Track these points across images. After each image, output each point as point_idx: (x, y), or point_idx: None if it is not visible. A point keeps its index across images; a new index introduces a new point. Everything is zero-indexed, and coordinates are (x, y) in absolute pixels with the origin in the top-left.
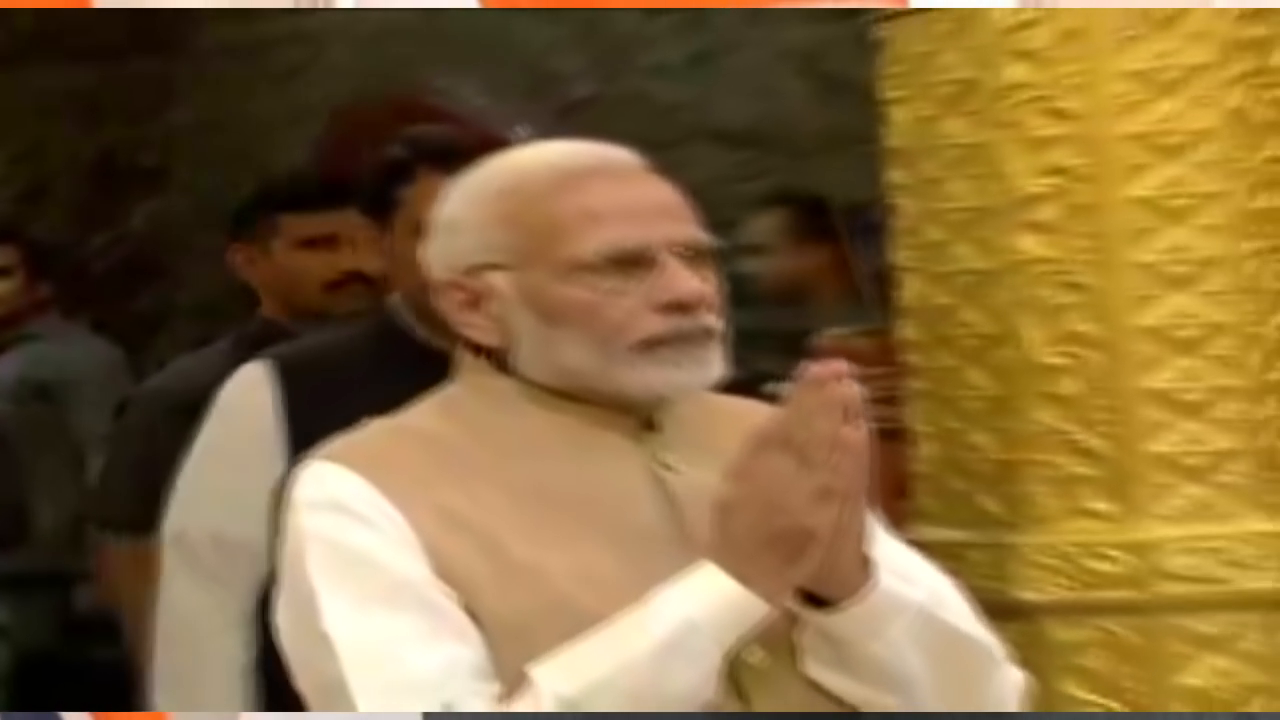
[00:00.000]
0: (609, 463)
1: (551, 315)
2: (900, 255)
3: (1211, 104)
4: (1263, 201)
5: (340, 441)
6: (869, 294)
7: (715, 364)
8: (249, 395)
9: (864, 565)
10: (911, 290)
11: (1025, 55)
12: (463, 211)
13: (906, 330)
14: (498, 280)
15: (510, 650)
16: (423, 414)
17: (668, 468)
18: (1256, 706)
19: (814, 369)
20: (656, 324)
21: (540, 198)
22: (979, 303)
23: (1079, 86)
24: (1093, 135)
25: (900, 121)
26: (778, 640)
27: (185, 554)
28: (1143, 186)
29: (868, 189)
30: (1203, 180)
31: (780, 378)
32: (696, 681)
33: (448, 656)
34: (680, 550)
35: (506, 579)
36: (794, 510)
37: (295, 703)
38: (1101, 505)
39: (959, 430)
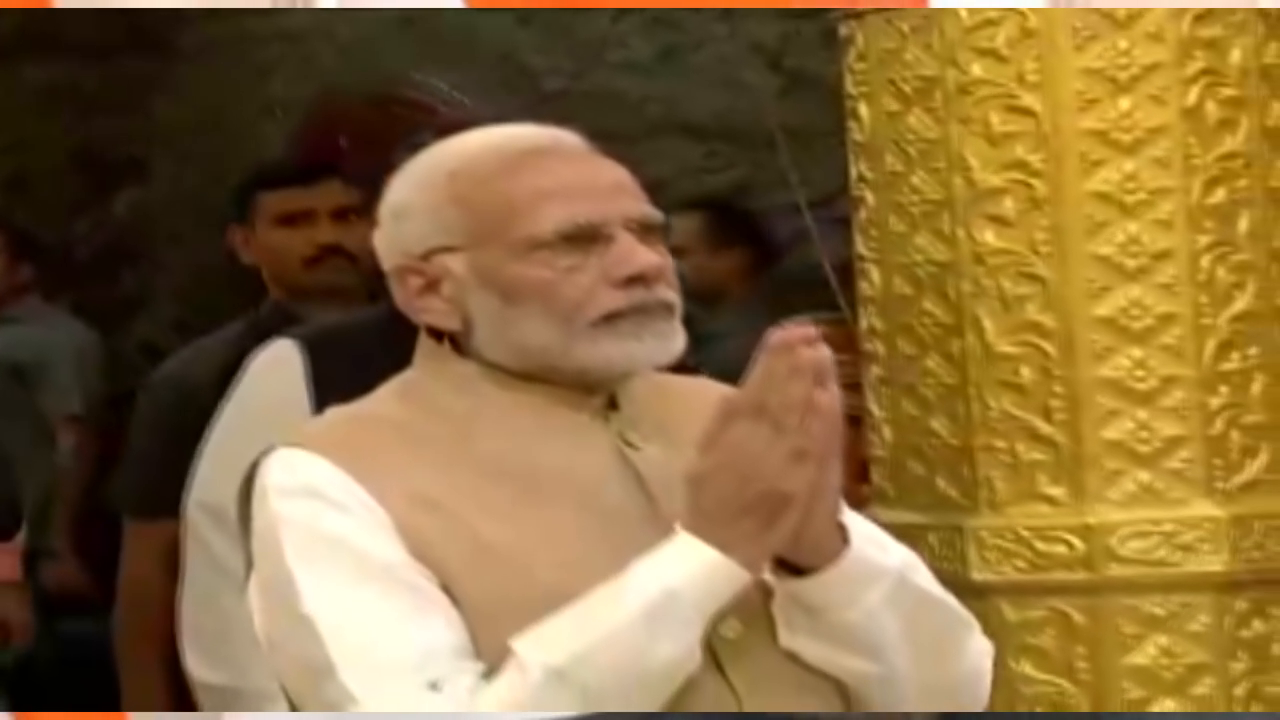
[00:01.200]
0: (574, 442)
1: (509, 294)
2: (863, 246)
3: (1167, 102)
4: (1216, 197)
5: (304, 428)
6: (833, 283)
7: (675, 337)
8: (280, 369)
9: (839, 531)
10: (874, 280)
11: (987, 53)
12: (413, 196)
13: (868, 319)
14: (453, 263)
15: (487, 630)
16: (384, 400)
17: (632, 445)
18: (1203, 687)
19: (782, 333)
20: (615, 298)
21: (492, 178)
22: (939, 293)
23: (1039, 84)
24: (1052, 131)
25: (865, 116)
26: (753, 613)
27: (217, 522)
28: (1099, 181)
29: (833, 182)
30: (1158, 176)
31: (692, 373)
32: (680, 651)
33: (432, 635)
34: (650, 526)
35: (480, 559)
36: (769, 475)
37: None
38: (1055, 490)
39: (918, 416)
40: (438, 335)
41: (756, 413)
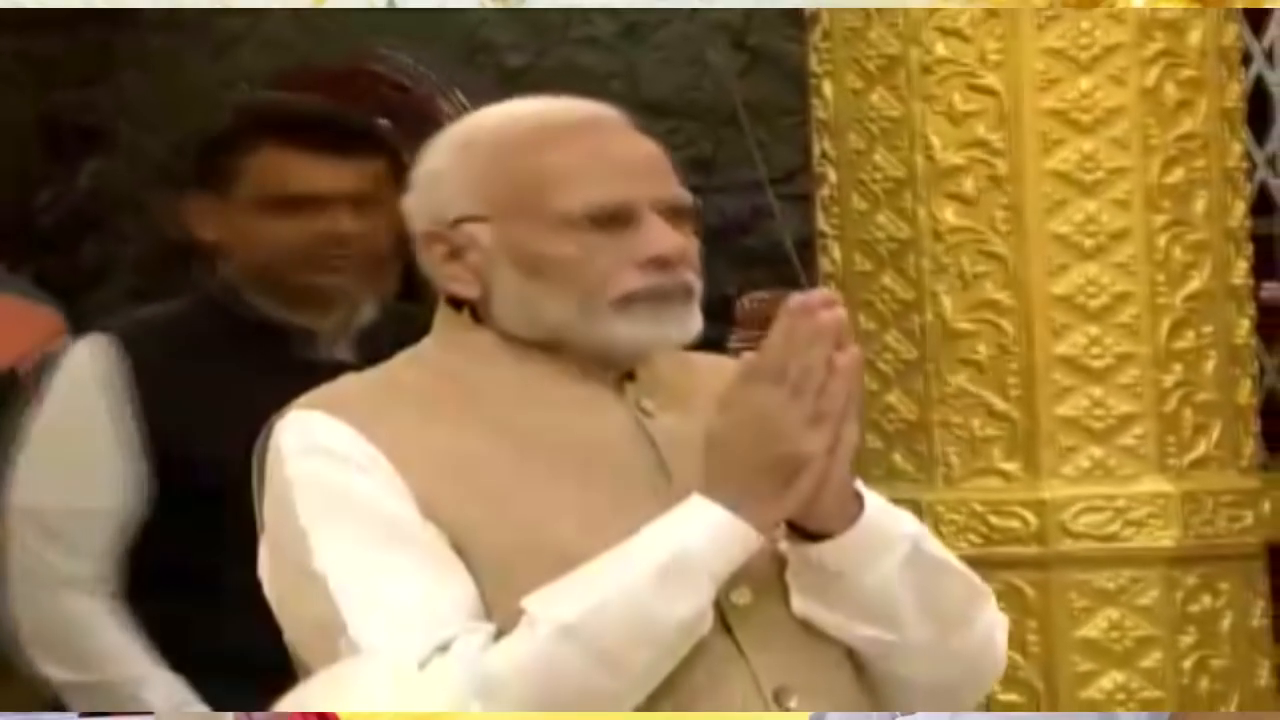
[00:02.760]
0: (590, 408)
1: (533, 269)
2: (825, 223)
3: (1126, 82)
4: (1173, 177)
5: (319, 391)
6: (795, 259)
7: (692, 320)
8: (94, 365)
9: (854, 496)
10: (835, 257)
11: (949, 32)
12: (446, 163)
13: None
14: (479, 232)
15: (497, 590)
16: (397, 367)
17: (648, 414)
18: (1151, 660)
19: (801, 297)
20: (637, 280)
21: (525, 151)
22: (899, 270)
23: (1000, 63)
24: (1012, 110)
25: (829, 94)
26: (765, 581)
27: (37, 524)
28: (1059, 160)
29: (794, 159)
30: (1116, 155)
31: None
32: (692, 612)
33: (443, 593)
34: (663, 494)
35: (491, 521)
36: (787, 436)
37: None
38: (1010, 465)
39: (876, 391)
40: (457, 305)
41: (776, 375)
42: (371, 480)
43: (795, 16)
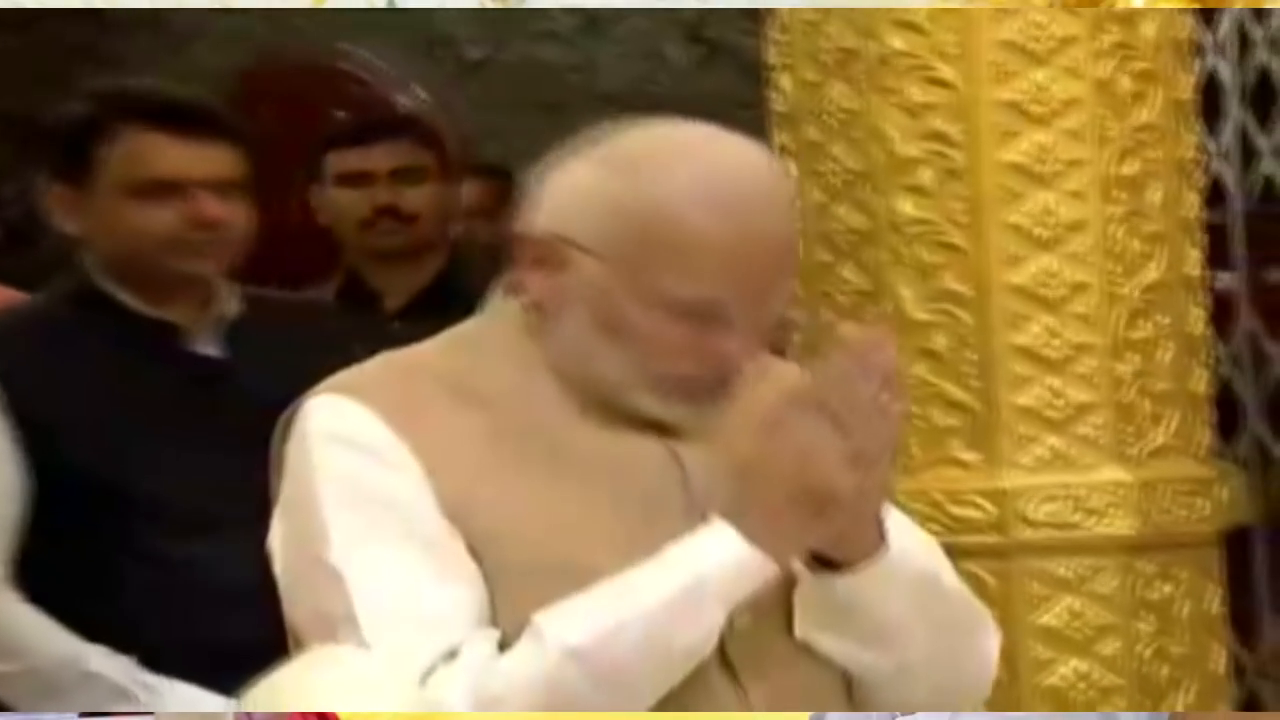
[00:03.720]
0: (619, 427)
1: (607, 325)
2: None
3: (1081, 74)
4: (1127, 169)
5: (354, 374)
6: None
7: (728, 401)
8: None
9: (878, 529)
10: None
11: (906, 25)
12: (588, 179)
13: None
14: (581, 262)
15: (506, 596)
16: (439, 351)
17: (678, 437)
18: (1108, 646)
19: (856, 334)
20: (696, 368)
21: (670, 214)
22: (857, 261)
23: (957, 56)
24: (968, 102)
25: (786, 87)
26: (764, 602)
27: None
28: (1014, 152)
29: None
30: (1071, 147)
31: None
32: (700, 639)
33: (455, 596)
34: (685, 517)
35: (513, 529)
36: (821, 472)
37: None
38: (969, 455)
39: None
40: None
41: (819, 408)
42: (397, 476)
43: (752, 10)
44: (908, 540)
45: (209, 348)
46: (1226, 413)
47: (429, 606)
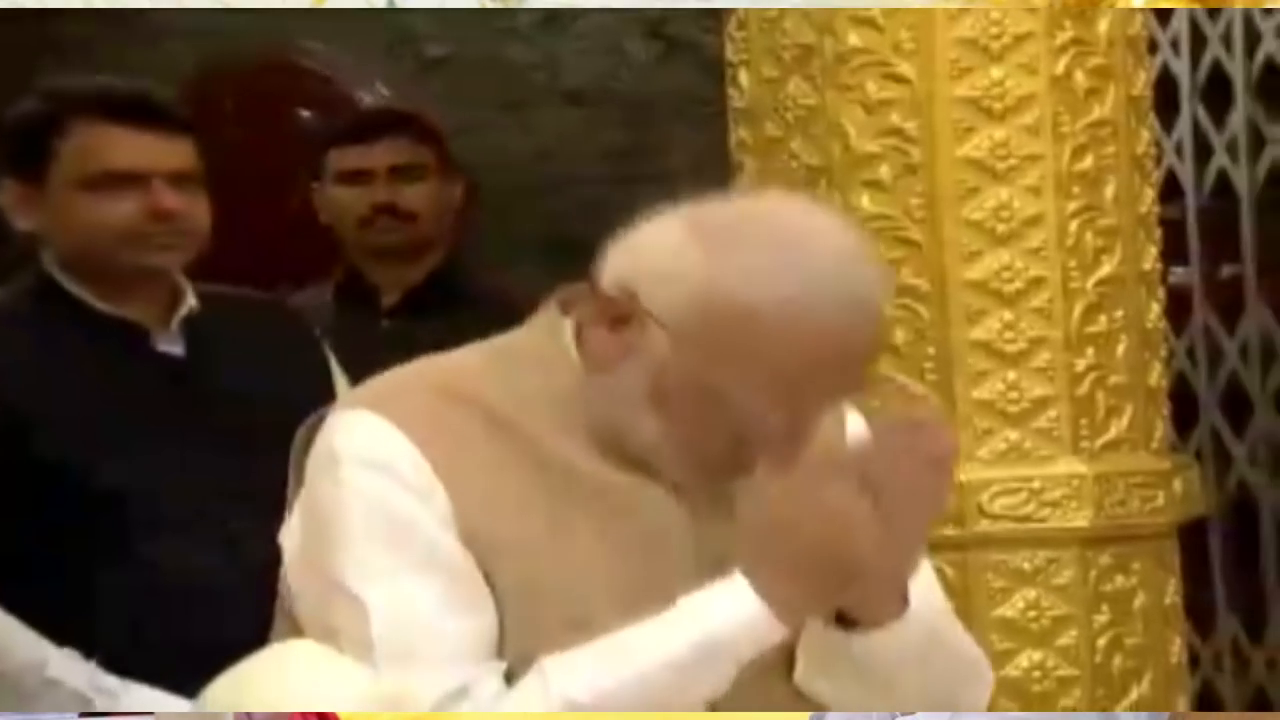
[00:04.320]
0: (639, 473)
1: (656, 398)
2: None
3: (1037, 71)
4: (1083, 164)
5: (389, 386)
6: None
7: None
8: None
9: (900, 596)
10: None
11: (863, 22)
12: (679, 252)
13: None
14: (652, 334)
15: (518, 617)
16: (479, 371)
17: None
18: (1068, 639)
19: (919, 419)
20: (733, 452)
21: (758, 325)
22: None
23: (914, 52)
24: (925, 99)
25: (745, 83)
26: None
27: None
28: (971, 148)
29: (712, 148)
30: (1028, 143)
31: None
32: (705, 694)
33: (469, 628)
34: (696, 559)
35: (527, 553)
36: (851, 541)
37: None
38: None
39: None
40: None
41: (861, 477)
42: (422, 504)
43: (711, 7)
44: (923, 596)
45: (172, 345)
46: (1182, 406)
47: (443, 641)
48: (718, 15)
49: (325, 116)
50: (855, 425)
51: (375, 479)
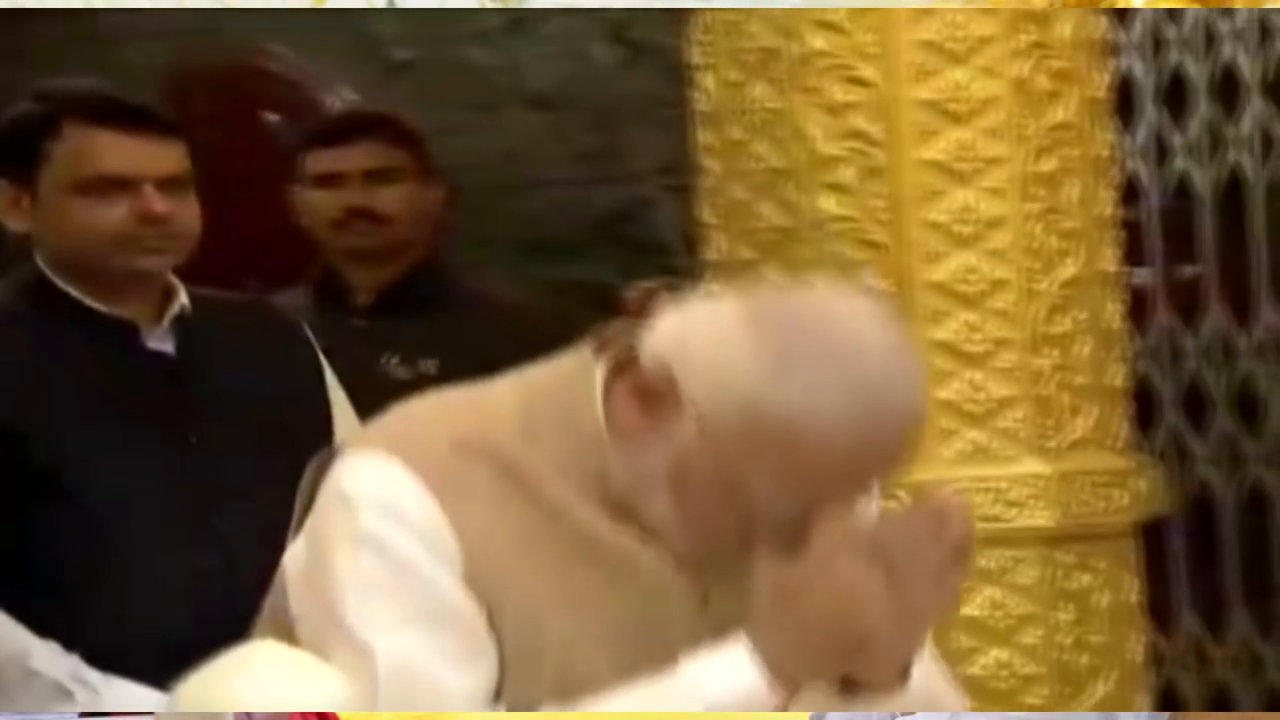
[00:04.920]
0: (649, 539)
1: (675, 483)
2: (707, 213)
3: (998, 74)
4: (1044, 166)
5: (407, 433)
6: (679, 248)
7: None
8: None
9: (904, 672)
10: (718, 246)
11: (825, 25)
12: (738, 362)
13: (712, 283)
14: (686, 422)
15: (518, 663)
16: (498, 414)
17: None
18: (1030, 637)
19: (942, 500)
20: (734, 532)
21: (798, 437)
22: (781, 258)
23: (876, 56)
24: (887, 101)
25: (709, 87)
26: None
27: None
28: (933, 150)
29: (676, 151)
30: (989, 145)
31: None
32: None
33: (471, 680)
34: (700, 622)
35: (530, 604)
36: (862, 616)
37: None
38: None
39: None
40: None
41: (878, 554)
42: (430, 555)
43: (675, 10)
44: (924, 671)
45: (163, 344)
46: (1143, 406)
47: (443, 694)
48: (682, 19)
49: (292, 120)
50: (874, 502)
51: (387, 527)
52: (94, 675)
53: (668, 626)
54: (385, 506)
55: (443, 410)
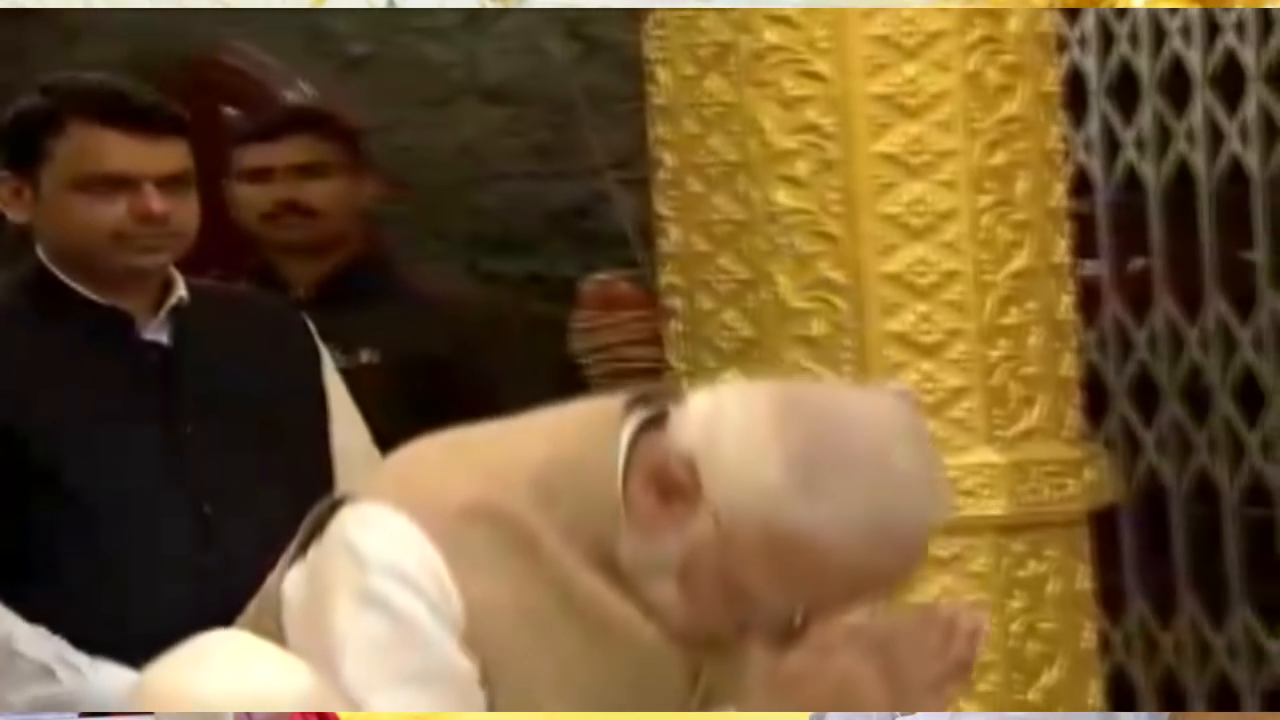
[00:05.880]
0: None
1: (684, 577)
2: (663, 206)
3: (950, 68)
4: (995, 159)
5: (418, 489)
6: (634, 241)
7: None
8: None
9: None
10: (673, 238)
11: (779, 20)
12: (764, 470)
13: (668, 276)
14: (703, 520)
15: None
16: (516, 487)
17: None
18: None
19: (953, 611)
20: (733, 626)
21: (819, 550)
22: (736, 250)
23: (829, 50)
24: (841, 96)
25: (664, 81)
26: None
27: None
28: (887, 144)
29: (632, 144)
30: (941, 139)
31: None
32: None
33: None
34: (688, 694)
35: (528, 676)
36: (854, 703)
37: None
38: None
39: (715, 368)
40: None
41: (880, 651)
42: (437, 621)
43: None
44: None
45: (159, 335)
46: (1093, 396)
47: None
48: (637, 15)
49: (251, 115)
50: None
51: (394, 590)
52: (81, 658)
53: (659, 697)
54: (394, 569)
55: (456, 461)
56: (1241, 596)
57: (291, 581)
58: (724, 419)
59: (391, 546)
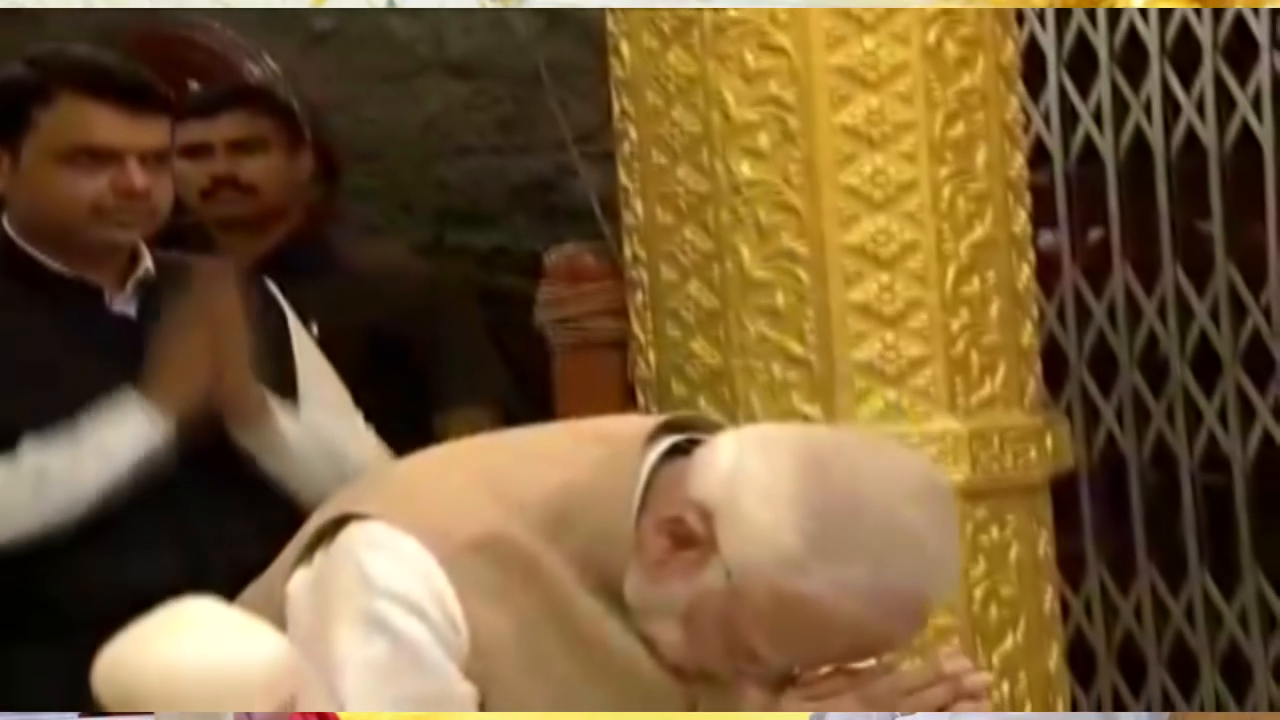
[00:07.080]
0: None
1: (687, 622)
2: (627, 178)
3: (909, 40)
4: (955, 131)
5: (430, 515)
6: (599, 213)
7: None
8: None
9: None
10: (637, 210)
11: None
12: (782, 531)
13: (632, 247)
14: (715, 571)
15: None
16: (530, 519)
17: None
18: None
19: (962, 665)
20: (730, 669)
21: (826, 615)
22: (699, 222)
23: (790, 23)
24: (802, 68)
25: (626, 54)
26: None
27: None
28: (848, 115)
29: (596, 117)
30: (901, 110)
31: None
32: None
33: None
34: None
35: (522, 705)
36: None
37: None
38: (810, 408)
39: (680, 339)
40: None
41: (872, 698)
42: (441, 648)
43: None
44: None
45: (127, 307)
46: (1052, 365)
47: None
48: None
49: (213, 89)
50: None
51: (401, 617)
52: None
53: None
54: (400, 594)
55: (469, 483)
56: (1199, 562)
57: (297, 583)
58: (746, 475)
59: (400, 571)
